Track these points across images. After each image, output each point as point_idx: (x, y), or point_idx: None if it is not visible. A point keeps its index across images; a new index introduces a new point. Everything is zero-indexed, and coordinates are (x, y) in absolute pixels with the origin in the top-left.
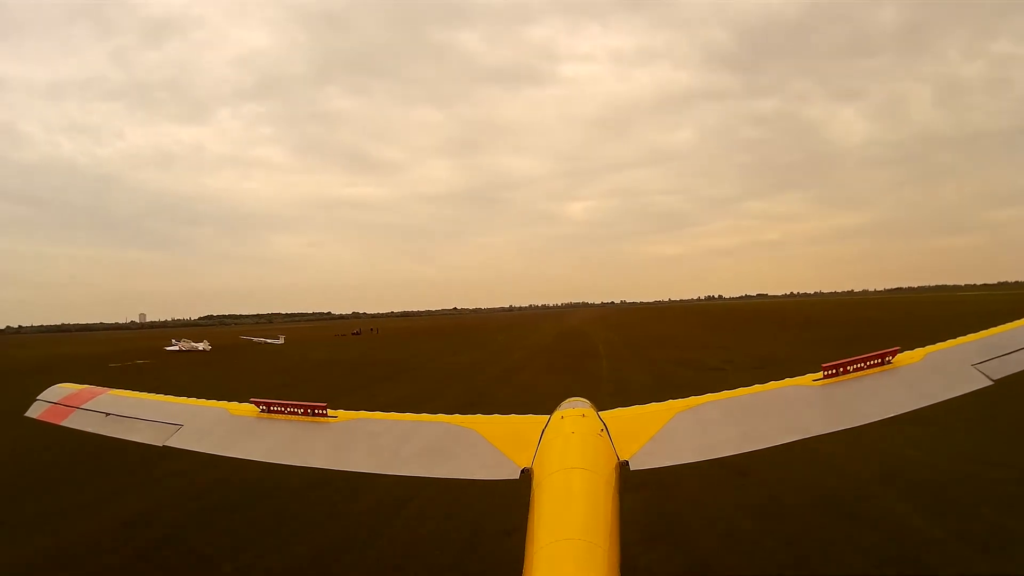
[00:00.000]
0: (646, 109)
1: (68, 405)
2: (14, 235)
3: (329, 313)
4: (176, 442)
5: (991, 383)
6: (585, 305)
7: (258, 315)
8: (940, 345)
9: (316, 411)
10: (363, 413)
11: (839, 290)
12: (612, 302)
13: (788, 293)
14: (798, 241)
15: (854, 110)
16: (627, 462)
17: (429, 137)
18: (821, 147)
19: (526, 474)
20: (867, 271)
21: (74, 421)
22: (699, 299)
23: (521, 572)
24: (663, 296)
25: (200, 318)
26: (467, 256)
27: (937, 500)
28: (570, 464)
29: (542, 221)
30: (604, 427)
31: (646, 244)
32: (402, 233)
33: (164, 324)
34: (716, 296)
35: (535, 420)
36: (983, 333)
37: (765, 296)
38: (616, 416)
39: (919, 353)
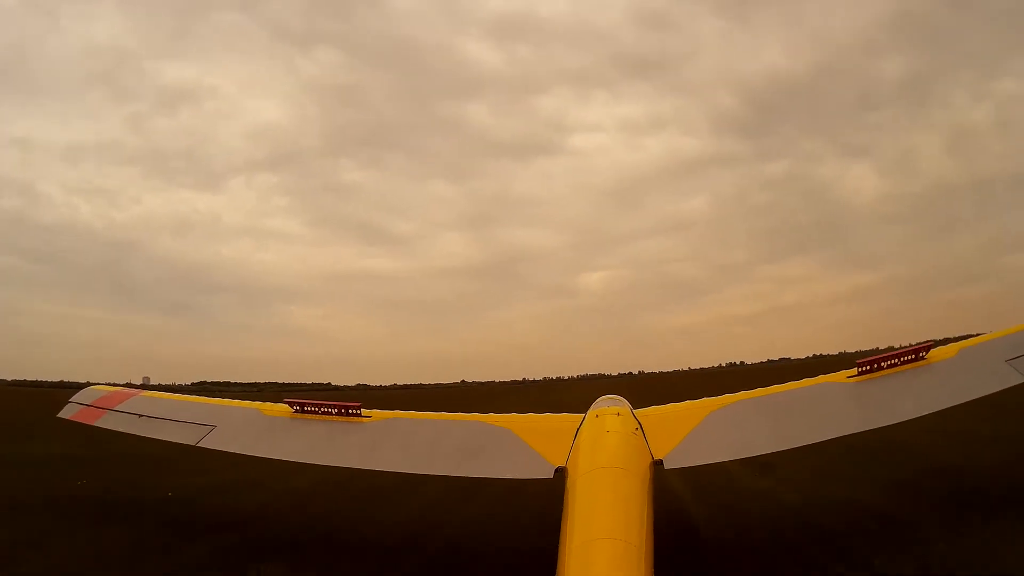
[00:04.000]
0: (657, 177)
1: (101, 407)
2: (31, 291)
3: (329, 384)
4: (209, 443)
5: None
6: (601, 376)
7: (251, 383)
8: (972, 340)
9: (350, 411)
10: (397, 413)
11: (863, 348)
12: (630, 372)
13: (811, 355)
14: (816, 303)
15: (864, 166)
16: (661, 461)
17: (442, 210)
18: (833, 206)
19: (560, 473)
20: (889, 327)
21: (107, 422)
22: (720, 366)
23: (555, 571)
24: (683, 365)
25: (193, 384)
26: (481, 329)
27: None
28: (604, 463)
29: (557, 293)
30: (639, 426)
31: (662, 313)
32: (416, 306)
33: (159, 387)
34: (738, 363)
35: (570, 419)
36: (1015, 328)
37: (788, 360)
38: (651, 414)
39: (952, 349)
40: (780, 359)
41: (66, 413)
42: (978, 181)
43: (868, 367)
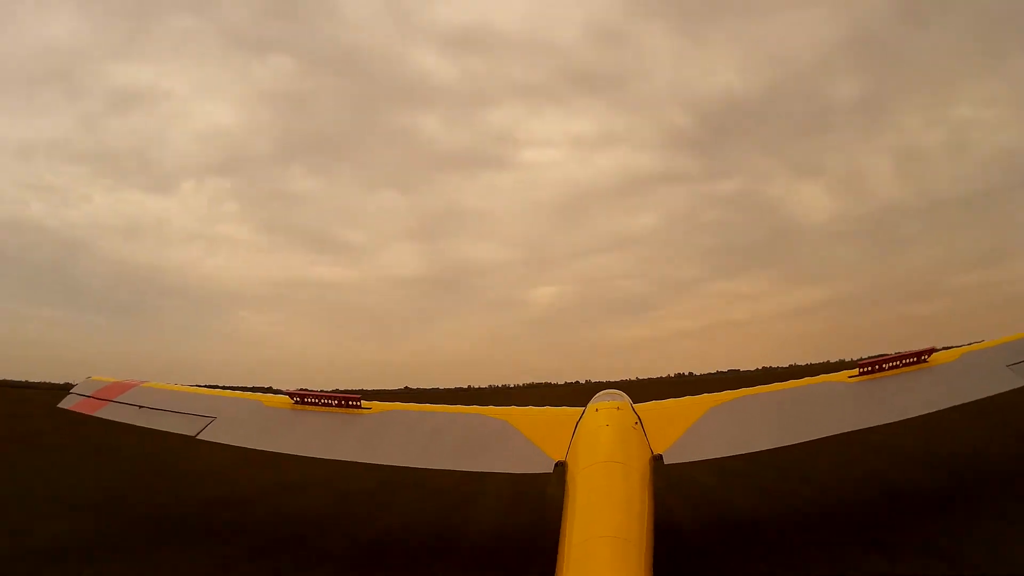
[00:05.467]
0: (607, 194)
1: (101, 398)
2: None
3: (270, 388)
4: (209, 435)
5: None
6: (547, 384)
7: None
8: (976, 345)
9: (351, 403)
10: (397, 405)
11: (814, 362)
12: (577, 381)
13: (760, 368)
14: (765, 318)
15: (815, 186)
16: (661, 456)
17: (393, 220)
18: (783, 225)
19: (560, 467)
20: (840, 342)
21: (108, 412)
22: (669, 376)
23: (555, 567)
24: (631, 375)
25: None
26: (427, 340)
27: None
28: (604, 458)
29: (506, 307)
30: (638, 420)
31: (610, 327)
32: (363, 314)
33: None
34: (687, 373)
35: (569, 412)
36: (1016, 336)
37: (737, 371)
38: (650, 409)
39: (955, 353)
40: (729, 371)
41: (67, 403)
42: (929, 203)
43: (870, 368)
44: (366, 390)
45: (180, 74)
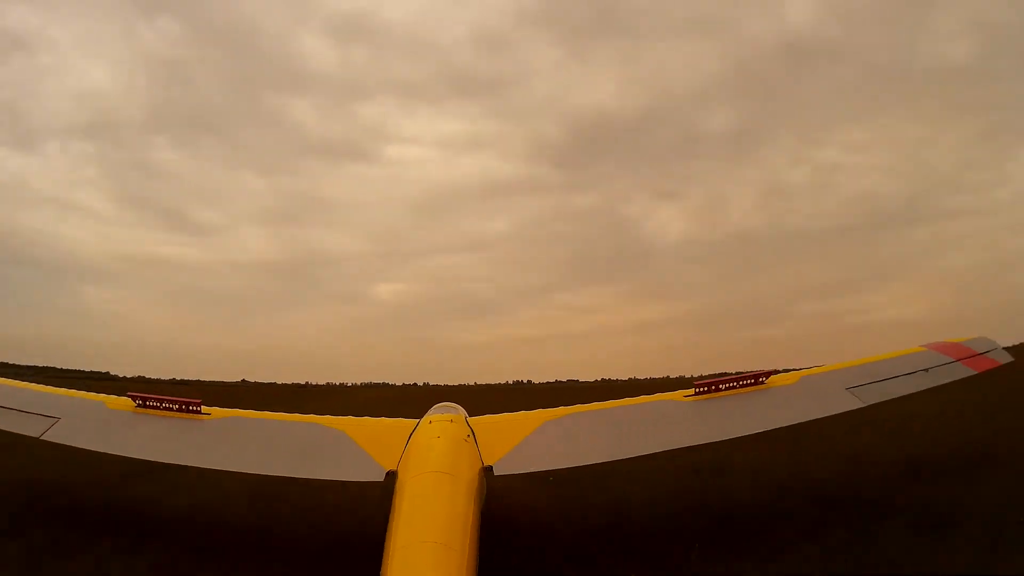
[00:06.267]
0: (466, 196)
1: None
2: None
3: (107, 373)
4: (53, 435)
5: (863, 406)
6: (385, 385)
7: (30, 366)
8: (815, 369)
9: (191, 407)
10: (237, 411)
11: (655, 376)
12: (415, 384)
13: (599, 379)
14: (608, 332)
15: (673, 209)
16: (491, 467)
17: (248, 202)
18: (636, 244)
19: (391, 477)
20: (683, 360)
21: None
22: (508, 383)
23: (379, 573)
24: (469, 380)
25: None
26: (268, 329)
27: None
28: (433, 468)
29: (351, 301)
30: (471, 433)
31: (454, 330)
32: (208, 299)
33: None
34: (525, 381)
35: (404, 424)
36: (858, 361)
37: (576, 382)
38: (484, 422)
39: (794, 376)
40: (568, 380)
41: None
42: (784, 235)
43: (705, 388)
44: (203, 381)
45: (66, 25)
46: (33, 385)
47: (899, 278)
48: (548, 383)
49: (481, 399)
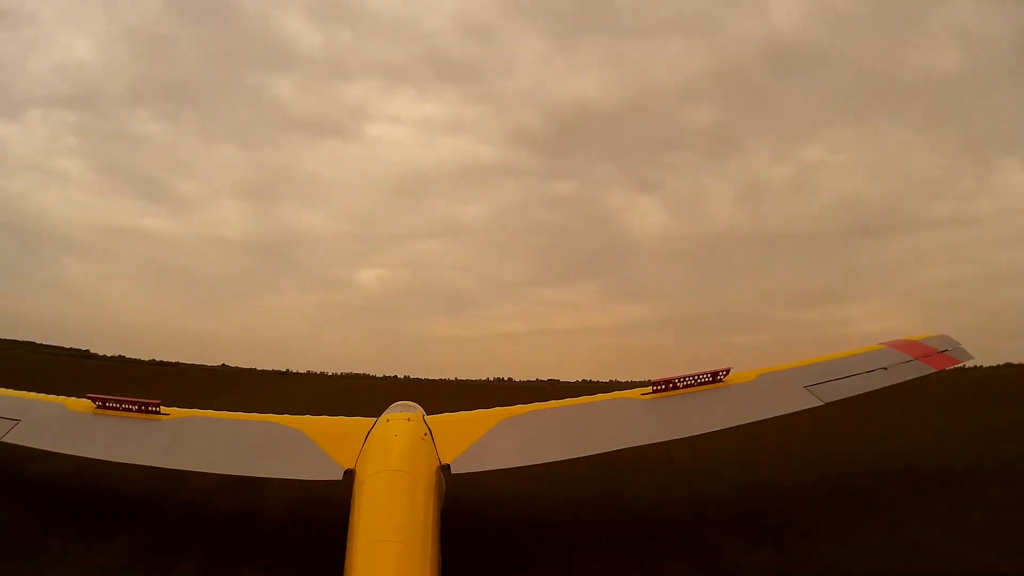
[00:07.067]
0: (444, 178)
1: None
2: None
3: (88, 351)
4: (14, 437)
5: (821, 404)
6: (365, 376)
7: (5, 339)
8: (773, 368)
9: (149, 408)
10: (196, 411)
11: (635, 379)
12: (395, 376)
13: (581, 380)
14: (588, 330)
15: (653, 200)
16: (448, 465)
17: (226, 174)
18: (615, 236)
19: (349, 475)
20: (660, 362)
21: None
22: (488, 380)
23: (342, 573)
24: (450, 375)
25: None
26: (249, 312)
27: None
28: (391, 467)
29: (331, 286)
30: (428, 431)
31: (434, 323)
32: (187, 277)
33: None
34: (506, 379)
35: (362, 422)
36: (816, 359)
37: (557, 382)
38: (442, 421)
39: (752, 374)
40: (549, 380)
41: None
42: (763, 235)
43: (663, 386)
44: (182, 363)
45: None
46: None
47: (879, 290)
48: (530, 382)
49: (462, 396)
